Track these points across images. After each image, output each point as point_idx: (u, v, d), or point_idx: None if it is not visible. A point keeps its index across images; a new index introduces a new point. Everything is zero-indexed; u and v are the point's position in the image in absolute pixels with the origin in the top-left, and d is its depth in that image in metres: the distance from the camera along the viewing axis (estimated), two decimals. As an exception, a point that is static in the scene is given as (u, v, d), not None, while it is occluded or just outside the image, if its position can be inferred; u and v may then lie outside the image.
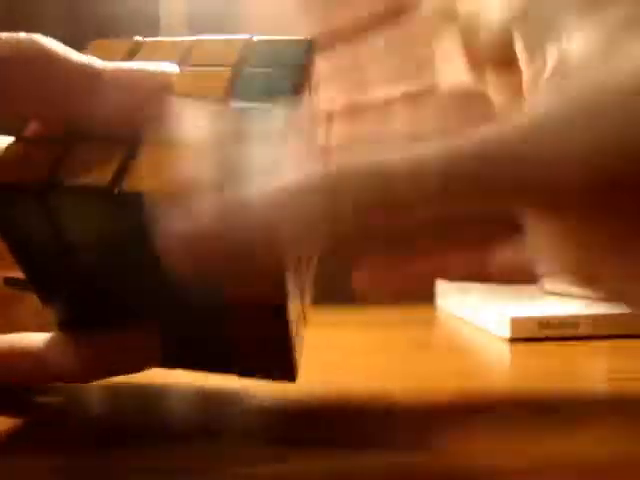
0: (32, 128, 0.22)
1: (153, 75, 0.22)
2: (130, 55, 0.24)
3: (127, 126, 0.21)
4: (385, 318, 0.51)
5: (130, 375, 0.31)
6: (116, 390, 0.29)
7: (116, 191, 0.19)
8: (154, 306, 0.22)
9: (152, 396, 0.28)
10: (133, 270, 0.21)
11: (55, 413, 0.25)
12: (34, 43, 0.20)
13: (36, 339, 0.23)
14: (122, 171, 0.20)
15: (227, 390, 0.28)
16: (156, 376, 0.31)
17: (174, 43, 0.24)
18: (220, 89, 0.22)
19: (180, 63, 0.23)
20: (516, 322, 0.40)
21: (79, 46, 0.23)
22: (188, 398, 0.27)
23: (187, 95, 0.22)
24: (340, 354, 0.38)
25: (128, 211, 0.20)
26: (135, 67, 0.22)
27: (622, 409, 0.25)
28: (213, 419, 0.25)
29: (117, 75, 0.21)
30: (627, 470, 0.19)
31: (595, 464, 0.19)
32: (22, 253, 0.22)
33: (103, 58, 0.22)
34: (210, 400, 0.27)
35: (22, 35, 0.20)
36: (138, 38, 0.25)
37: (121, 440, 0.22)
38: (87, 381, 0.23)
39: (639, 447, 0.21)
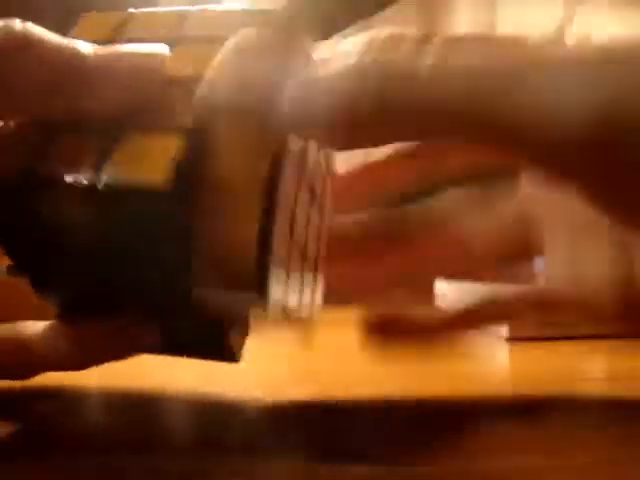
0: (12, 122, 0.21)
1: (142, 60, 0.20)
2: (120, 28, 0.22)
3: (113, 114, 0.20)
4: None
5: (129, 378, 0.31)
6: (114, 396, 0.28)
7: (100, 187, 0.19)
8: (151, 292, 0.21)
9: (151, 402, 0.28)
10: (122, 259, 0.20)
11: (53, 420, 0.25)
12: (12, 31, 0.19)
13: (33, 327, 0.23)
14: (102, 162, 0.19)
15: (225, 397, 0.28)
16: (153, 380, 0.31)
17: (167, 14, 0.23)
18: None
19: (173, 37, 0.22)
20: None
21: (71, 20, 0.22)
22: (188, 405, 0.27)
23: (180, 76, 0.20)
24: (338, 354, 0.38)
25: (113, 204, 0.19)
26: (123, 51, 0.20)
27: (621, 409, 0.25)
28: (211, 427, 0.24)
29: (103, 61, 0.20)
30: (627, 469, 0.19)
31: (594, 463, 0.19)
32: (12, 243, 0.21)
33: (93, 32, 0.21)
34: (210, 407, 0.27)
35: None
36: (131, 10, 0.23)
37: (121, 446, 0.22)
38: (85, 366, 0.22)
39: (638, 446, 0.20)
